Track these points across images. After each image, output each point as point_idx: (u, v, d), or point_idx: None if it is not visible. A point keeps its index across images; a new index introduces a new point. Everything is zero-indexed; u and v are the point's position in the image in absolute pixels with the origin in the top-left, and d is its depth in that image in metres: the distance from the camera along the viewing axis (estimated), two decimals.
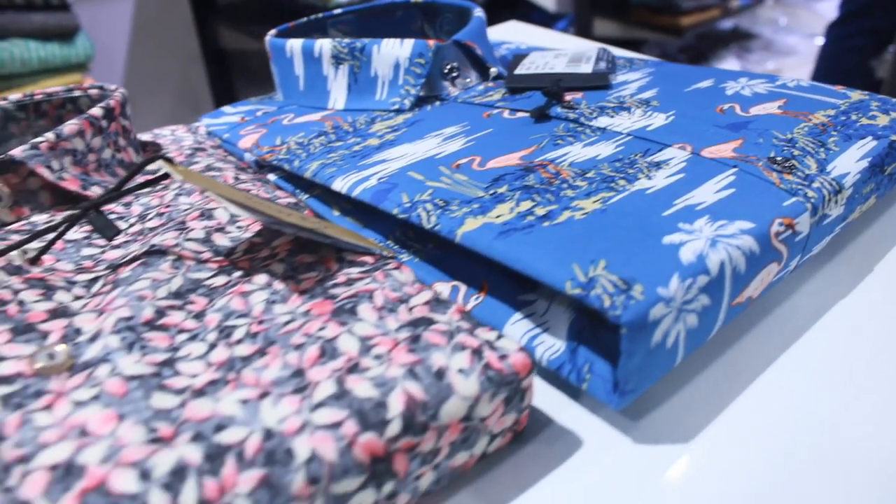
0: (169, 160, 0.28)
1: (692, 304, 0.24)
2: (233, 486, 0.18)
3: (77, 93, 0.42)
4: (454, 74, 0.42)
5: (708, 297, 0.25)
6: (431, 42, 0.40)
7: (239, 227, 0.31)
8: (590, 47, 0.47)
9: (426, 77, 0.41)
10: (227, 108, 0.45)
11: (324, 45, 0.41)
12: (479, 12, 0.46)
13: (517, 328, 0.27)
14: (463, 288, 0.29)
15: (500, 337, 0.23)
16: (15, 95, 0.41)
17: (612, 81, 0.41)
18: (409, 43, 0.40)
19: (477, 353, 0.22)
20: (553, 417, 0.26)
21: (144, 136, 0.44)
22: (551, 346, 0.27)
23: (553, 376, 0.28)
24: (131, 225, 0.32)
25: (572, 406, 0.26)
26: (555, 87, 0.38)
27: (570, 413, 0.26)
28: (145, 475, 0.19)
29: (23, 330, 0.24)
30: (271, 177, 0.38)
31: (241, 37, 1.42)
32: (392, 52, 0.40)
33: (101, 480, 0.18)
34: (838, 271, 0.33)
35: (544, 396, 0.27)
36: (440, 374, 0.22)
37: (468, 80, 0.43)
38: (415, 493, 0.22)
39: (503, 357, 0.22)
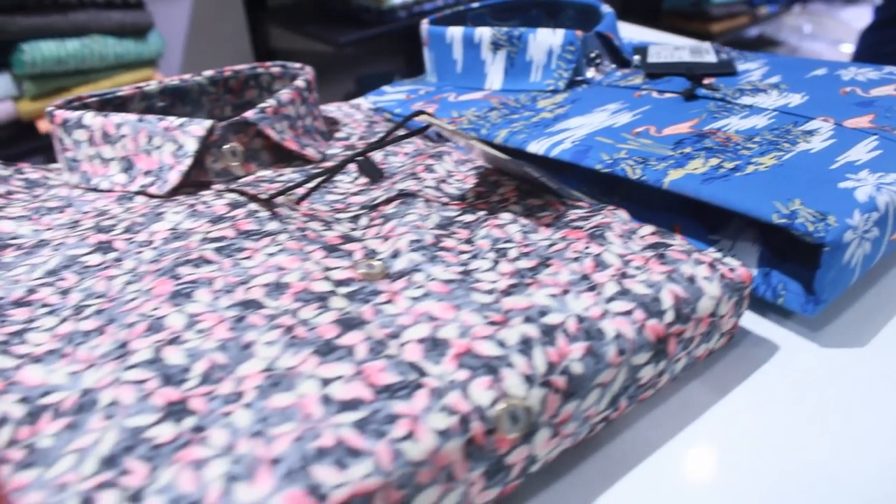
0: (430, 114, 0.33)
1: (868, 233, 0.30)
2: (567, 354, 0.24)
3: (260, 70, 0.48)
4: (597, 61, 0.48)
5: (878, 230, 0.31)
6: (579, 32, 0.47)
7: (458, 180, 0.37)
8: (700, 42, 0.53)
9: (575, 63, 0.47)
10: (387, 88, 0.51)
11: (483, 33, 0.47)
12: (607, 8, 0.52)
13: None
14: None
15: (723, 256, 0.29)
16: (208, 72, 0.47)
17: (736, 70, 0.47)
18: (561, 32, 0.46)
19: (712, 266, 0.28)
20: (750, 329, 0.32)
21: None
22: None
23: None
24: (356, 178, 0.38)
25: (762, 321, 0.32)
26: (691, 73, 0.44)
27: (762, 326, 0.32)
28: (501, 344, 0.24)
29: (331, 249, 0.30)
30: (451, 146, 0.44)
31: (291, 37, 1.48)
32: (546, 39, 0.46)
33: (467, 348, 0.24)
34: None
35: None
36: (692, 279, 0.27)
37: (607, 67, 0.49)
38: (671, 375, 0.28)
39: (732, 270, 0.28)
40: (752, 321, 0.32)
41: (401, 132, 0.45)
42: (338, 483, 0.20)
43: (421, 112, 0.33)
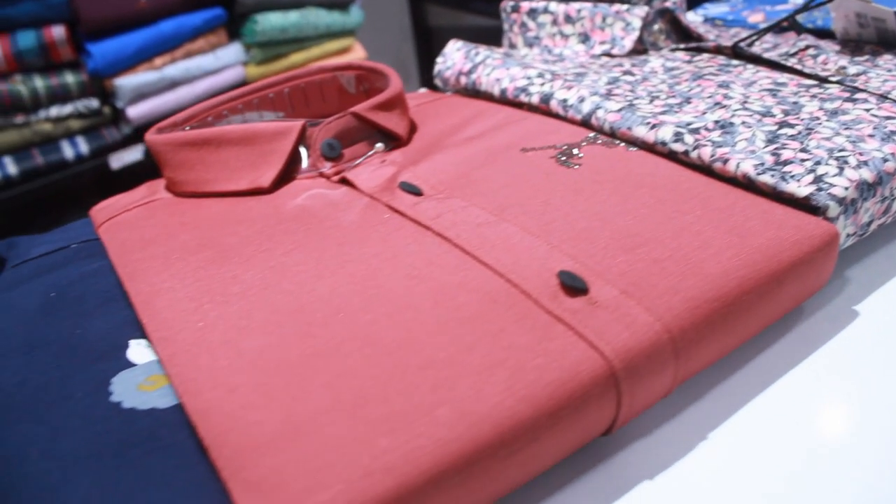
0: None
1: None
2: None
3: None
4: None
5: None
6: None
7: (830, 46, 0.54)
8: None
9: None
10: (707, 4, 0.69)
11: None
12: None
13: None
14: None
15: None
16: None
17: None
18: None
19: None
20: None
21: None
22: None
23: None
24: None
25: None
26: None
27: None
28: None
29: (802, 65, 0.48)
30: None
31: (448, 14, 1.67)
32: None
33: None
34: None
35: None
36: None
37: None
38: None
39: None
40: None
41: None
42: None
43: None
